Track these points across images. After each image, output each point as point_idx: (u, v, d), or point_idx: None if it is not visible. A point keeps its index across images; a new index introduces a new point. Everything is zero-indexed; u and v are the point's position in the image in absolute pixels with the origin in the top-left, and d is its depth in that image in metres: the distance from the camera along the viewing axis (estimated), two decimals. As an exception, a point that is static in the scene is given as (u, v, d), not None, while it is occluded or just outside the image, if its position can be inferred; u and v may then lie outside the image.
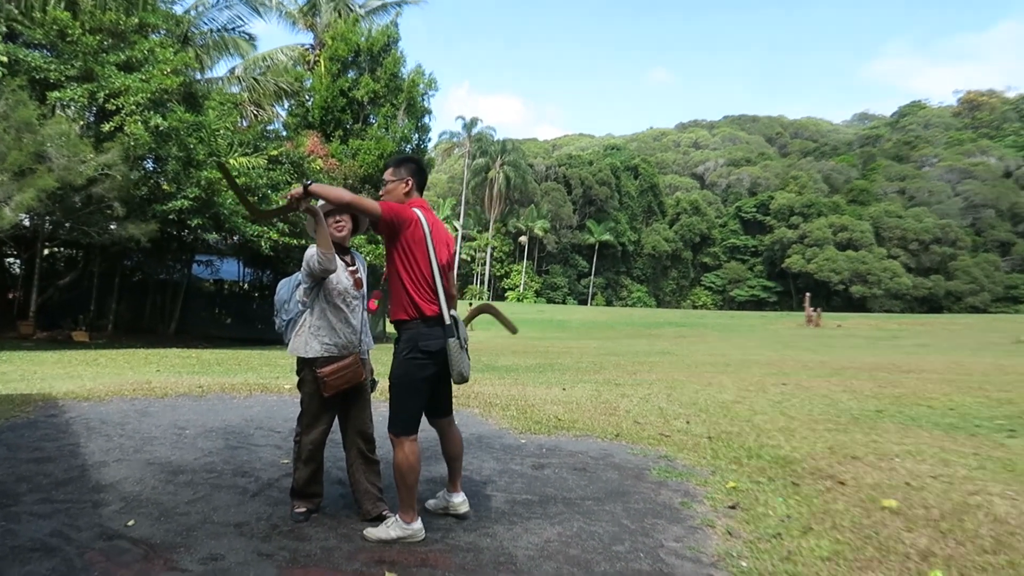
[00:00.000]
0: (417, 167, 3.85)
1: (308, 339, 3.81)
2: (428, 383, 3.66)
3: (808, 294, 54.13)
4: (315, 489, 3.97)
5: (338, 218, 3.90)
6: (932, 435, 6.46)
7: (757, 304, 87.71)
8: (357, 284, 3.92)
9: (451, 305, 3.71)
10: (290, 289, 3.97)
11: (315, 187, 3.41)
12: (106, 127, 16.34)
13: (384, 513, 3.85)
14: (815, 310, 43.70)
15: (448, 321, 3.65)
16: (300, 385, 3.93)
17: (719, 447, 5.80)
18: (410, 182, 3.78)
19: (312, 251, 3.71)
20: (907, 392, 9.59)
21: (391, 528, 3.59)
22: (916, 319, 51.17)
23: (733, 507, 4.23)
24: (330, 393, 3.78)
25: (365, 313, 4.00)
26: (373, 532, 3.63)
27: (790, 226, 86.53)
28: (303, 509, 3.90)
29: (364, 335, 3.97)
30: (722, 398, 8.76)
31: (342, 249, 3.94)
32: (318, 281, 3.80)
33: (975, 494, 4.42)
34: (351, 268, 3.92)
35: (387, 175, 3.80)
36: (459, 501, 4.00)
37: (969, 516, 3.99)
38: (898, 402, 8.63)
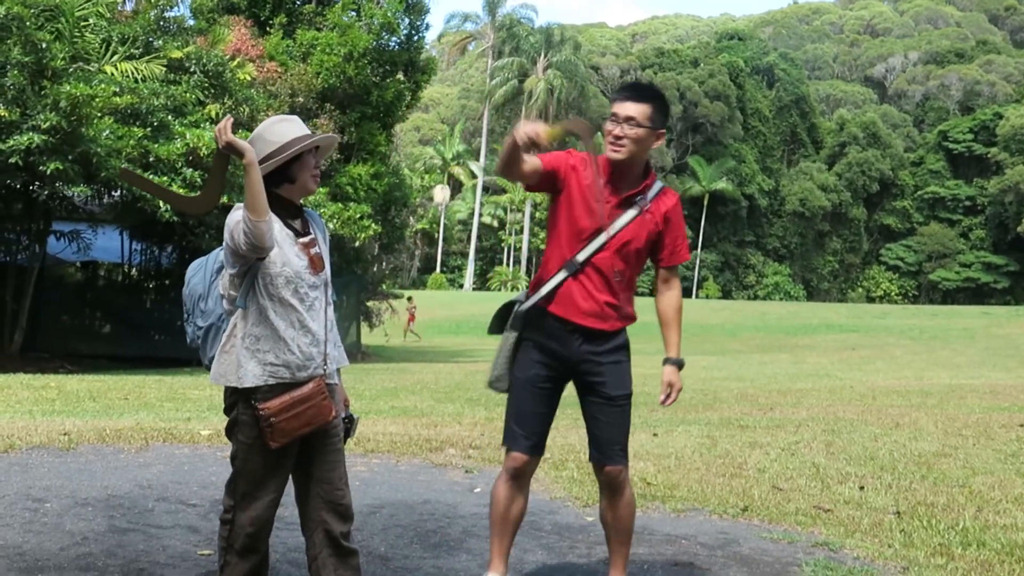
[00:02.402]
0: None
1: (242, 357, 3.70)
2: None
3: (1062, 276, 53.44)
4: (257, 595, 4.02)
5: (316, 159, 3.80)
6: None
7: (975, 294, 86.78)
8: (315, 264, 3.81)
9: None
10: (207, 277, 3.93)
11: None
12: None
13: None
14: (1074, 303, 43.07)
15: None
16: (232, 431, 3.85)
17: (914, 528, 5.79)
18: (663, 136, 4.49)
19: (238, 215, 3.55)
20: None
21: None
22: None
23: (939, 626, 4.23)
24: (280, 443, 3.68)
25: (330, 311, 3.97)
26: None
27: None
28: (238, 629, 3.95)
29: (330, 345, 3.94)
30: (918, 448, 8.71)
31: (291, 208, 3.88)
32: (250, 264, 3.70)
33: None
34: (303, 239, 3.81)
35: (640, 114, 4.25)
36: None
37: None
38: None
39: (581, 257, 4.26)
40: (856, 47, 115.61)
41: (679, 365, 4.42)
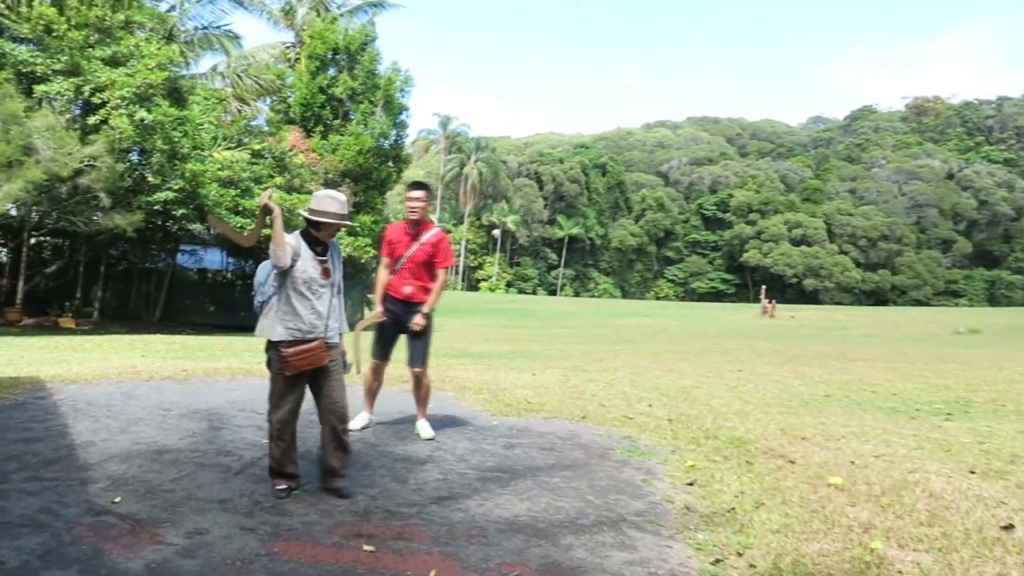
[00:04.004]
0: None
1: (274, 322, 3.88)
2: None
3: (764, 287, 54.66)
4: (291, 468, 3.97)
5: (337, 225, 3.99)
6: (875, 418, 6.60)
7: (716, 296, 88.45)
8: (325, 273, 3.94)
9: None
10: (267, 272, 4.02)
11: None
12: (92, 120, 15.98)
13: (340, 491, 3.93)
14: (770, 302, 44.18)
15: None
16: (268, 365, 3.99)
17: (679, 428, 5.87)
18: (430, 204, 5.42)
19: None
20: (853, 379, 9.76)
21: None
22: (864, 311, 52.10)
23: (691, 484, 4.30)
24: (292, 372, 3.83)
25: (335, 300, 4.03)
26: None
27: (748, 222, 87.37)
28: (284, 487, 3.90)
29: (332, 320, 3.99)
30: (682, 383, 8.80)
31: (317, 242, 3.97)
32: (283, 270, 3.86)
33: (913, 472, 4.53)
34: (321, 258, 3.94)
35: (420, 196, 5.20)
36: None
37: (908, 492, 4.10)
38: (845, 388, 8.78)
39: (397, 267, 5.24)
40: (652, 153, 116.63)
41: (426, 316, 5.19)
